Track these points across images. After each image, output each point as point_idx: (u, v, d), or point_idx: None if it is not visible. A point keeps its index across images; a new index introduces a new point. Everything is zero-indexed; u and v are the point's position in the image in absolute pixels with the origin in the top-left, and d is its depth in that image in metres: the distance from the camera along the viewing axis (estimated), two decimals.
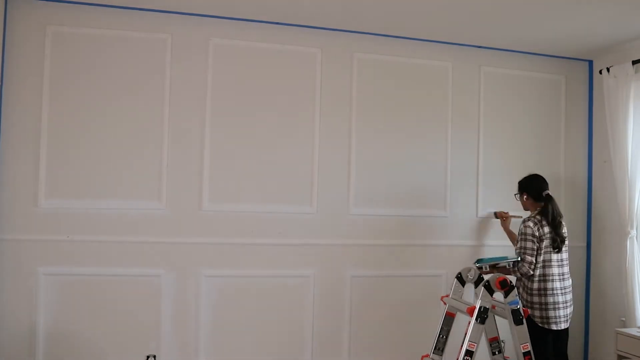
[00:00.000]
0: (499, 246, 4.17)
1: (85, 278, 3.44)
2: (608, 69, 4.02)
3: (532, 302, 3.16)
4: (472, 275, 3.08)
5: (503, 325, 2.84)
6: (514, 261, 3.18)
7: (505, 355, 2.95)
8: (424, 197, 4.03)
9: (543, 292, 3.16)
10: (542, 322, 3.12)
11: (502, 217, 4.01)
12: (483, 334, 2.78)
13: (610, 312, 4.08)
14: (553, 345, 3.21)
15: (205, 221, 3.63)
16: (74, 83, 3.46)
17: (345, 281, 3.86)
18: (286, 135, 3.78)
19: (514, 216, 3.95)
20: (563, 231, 3.32)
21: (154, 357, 3.50)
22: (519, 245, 3.25)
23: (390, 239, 3.95)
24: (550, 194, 3.37)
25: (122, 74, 3.53)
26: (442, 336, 3.03)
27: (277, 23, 3.76)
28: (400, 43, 4.00)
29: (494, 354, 2.90)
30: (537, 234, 3.21)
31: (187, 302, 3.59)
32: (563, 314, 3.19)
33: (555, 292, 3.17)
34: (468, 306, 2.81)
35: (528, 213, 3.44)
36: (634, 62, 3.83)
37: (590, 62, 4.45)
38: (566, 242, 3.33)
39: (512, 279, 3.07)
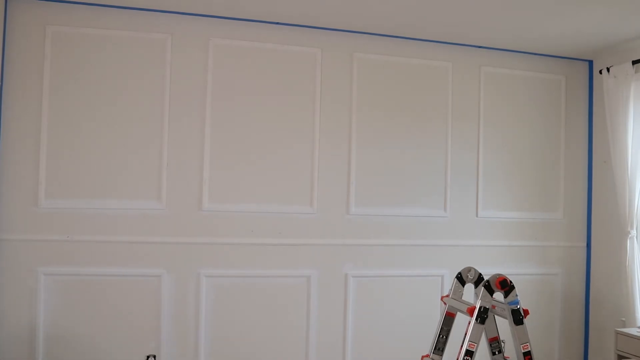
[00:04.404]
0: (498, 246, 4.17)
1: (85, 278, 3.44)
2: (608, 69, 4.02)
3: None
4: (472, 275, 3.08)
5: (503, 325, 2.84)
6: None
7: (505, 355, 2.95)
8: (424, 197, 4.03)
9: None
10: None
11: None
12: (483, 334, 2.77)
13: (610, 312, 4.08)
14: None
15: (205, 221, 3.62)
16: (74, 83, 3.46)
17: (345, 281, 3.86)
18: (286, 135, 3.78)
19: None
20: None
21: (154, 357, 3.50)
22: None
23: (390, 239, 3.95)
24: None
25: (122, 74, 3.53)
26: (442, 336, 3.02)
27: (277, 23, 3.76)
28: (400, 43, 4.00)
29: (494, 354, 2.89)
30: None
31: (187, 302, 3.59)
32: None
33: None
34: (468, 306, 2.81)
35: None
36: (634, 62, 3.83)
37: (590, 62, 4.45)
38: None
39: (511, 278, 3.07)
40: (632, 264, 3.80)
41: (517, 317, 2.76)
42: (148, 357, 3.49)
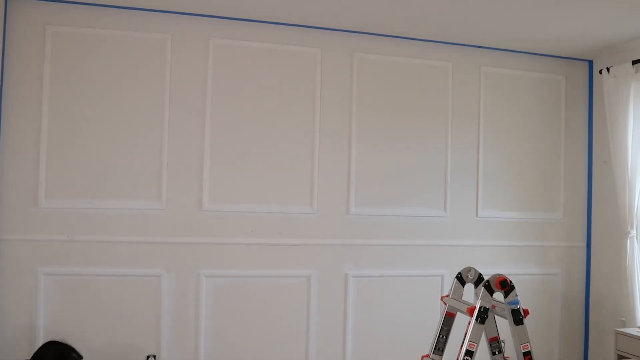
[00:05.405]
0: (498, 246, 4.17)
1: (85, 278, 3.44)
2: (608, 69, 4.02)
3: None
4: (472, 275, 3.08)
5: (503, 325, 2.84)
6: None
7: (505, 355, 2.94)
8: (423, 197, 4.03)
9: None
10: None
11: None
12: (483, 334, 2.77)
13: (610, 312, 4.08)
14: None
15: (205, 221, 3.62)
16: (74, 83, 3.46)
17: (345, 281, 3.86)
18: (286, 135, 3.78)
19: None
20: None
21: (154, 357, 3.50)
22: None
23: (390, 239, 3.95)
24: None
25: (122, 74, 3.52)
26: (442, 336, 3.02)
27: (277, 23, 3.76)
28: (400, 43, 4.00)
29: (494, 354, 2.89)
30: None
31: (187, 302, 3.59)
32: None
33: None
34: (468, 306, 2.81)
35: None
36: (634, 62, 3.83)
37: (590, 62, 4.45)
38: None
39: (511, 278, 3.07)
40: (632, 264, 3.80)
41: (517, 317, 2.76)
42: (148, 357, 3.49)
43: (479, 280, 3.02)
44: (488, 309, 2.75)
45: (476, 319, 2.72)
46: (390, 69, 4.00)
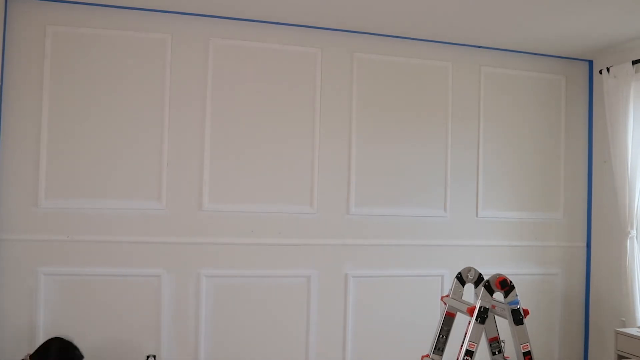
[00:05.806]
0: (498, 246, 4.17)
1: (85, 278, 3.44)
2: (608, 69, 4.02)
3: None
4: (472, 275, 3.08)
5: (503, 325, 2.84)
6: None
7: (505, 355, 2.94)
8: (424, 197, 4.03)
9: None
10: None
11: None
12: (483, 334, 2.77)
13: (610, 312, 4.08)
14: None
15: (205, 221, 3.62)
16: (74, 83, 3.46)
17: (345, 281, 3.86)
18: (286, 135, 3.78)
19: None
20: None
21: (154, 357, 3.50)
22: None
23: (390, 239, 3.95)
24: None
25: (122, 73, 3.53)
26: (442, 336, 3.02)
27: (277, 23, 3.76)
28: (400, 43, 4.00)
29: (494, 354, 2.89)
30: None
31: (187, 302, 3.59)
32: None
33: None
34: (468, 306, 2.80)
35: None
36: (634, 62, 3.83)
37: (590, 62, 4.45)
38: None
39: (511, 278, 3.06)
40: (632, 264, 3.80)
41: (517, 317, 2.76)
42: (148, 357, 3.49)
43: (479, 280, 3.02)
44: (488, 309, 2.75)
45: (476, 319, 2.72)
46: (390, 69, 4.00)
